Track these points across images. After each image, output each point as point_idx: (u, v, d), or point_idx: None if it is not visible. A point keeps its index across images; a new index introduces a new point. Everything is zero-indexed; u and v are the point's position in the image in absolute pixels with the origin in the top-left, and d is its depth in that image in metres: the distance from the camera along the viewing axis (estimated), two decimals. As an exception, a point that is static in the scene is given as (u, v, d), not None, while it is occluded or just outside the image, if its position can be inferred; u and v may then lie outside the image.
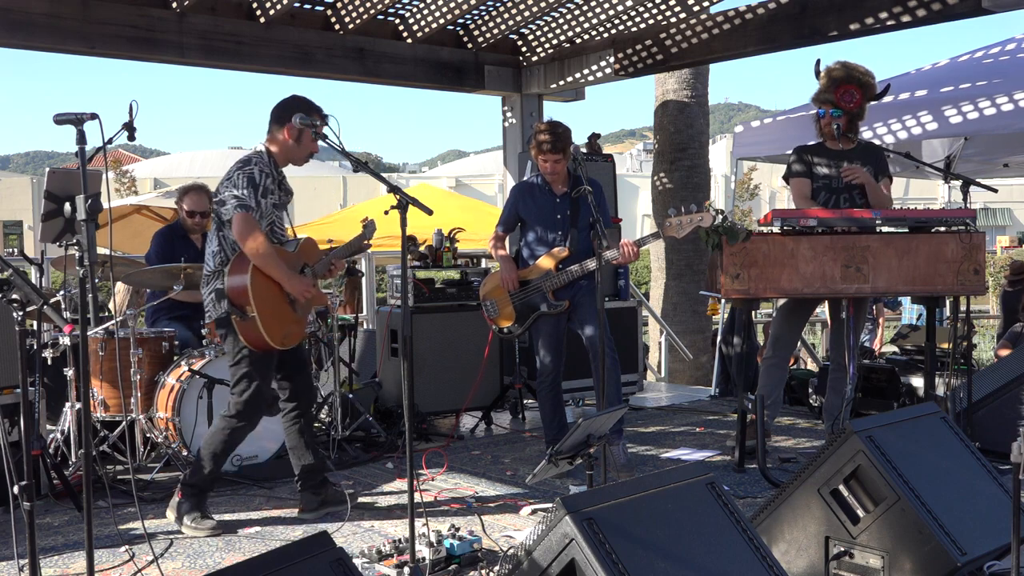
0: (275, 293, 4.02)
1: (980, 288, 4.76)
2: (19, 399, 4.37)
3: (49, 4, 5.98)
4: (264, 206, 4.01)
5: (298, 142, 4.10)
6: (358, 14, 6.91)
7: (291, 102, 4.10)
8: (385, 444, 5.68)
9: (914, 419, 3.41)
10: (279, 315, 4.03)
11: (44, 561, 3.73)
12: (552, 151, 4.86)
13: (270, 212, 4.08)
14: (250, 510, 4.49)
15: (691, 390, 8.30)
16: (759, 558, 2.70)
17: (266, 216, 4.05)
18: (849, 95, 5.01)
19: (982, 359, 9.28)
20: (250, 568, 2.29)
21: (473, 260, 7.34)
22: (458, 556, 3.54)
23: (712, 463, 5.27)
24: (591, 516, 2.48)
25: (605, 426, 3.57)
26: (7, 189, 32.10)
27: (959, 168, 6.76)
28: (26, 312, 2.82)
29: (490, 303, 5.15)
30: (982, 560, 3.06)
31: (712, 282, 5.17)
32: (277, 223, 4.15)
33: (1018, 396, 4.94)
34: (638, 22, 7.35)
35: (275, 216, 4.12)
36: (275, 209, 4.12)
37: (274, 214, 4.11)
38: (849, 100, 5.02)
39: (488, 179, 35.84)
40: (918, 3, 5.83)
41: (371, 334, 7.38)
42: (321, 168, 41.73)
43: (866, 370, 6.19)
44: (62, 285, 5.50)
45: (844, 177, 5.00)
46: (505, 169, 8.67)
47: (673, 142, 9.72)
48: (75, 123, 2.81)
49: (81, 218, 2.72)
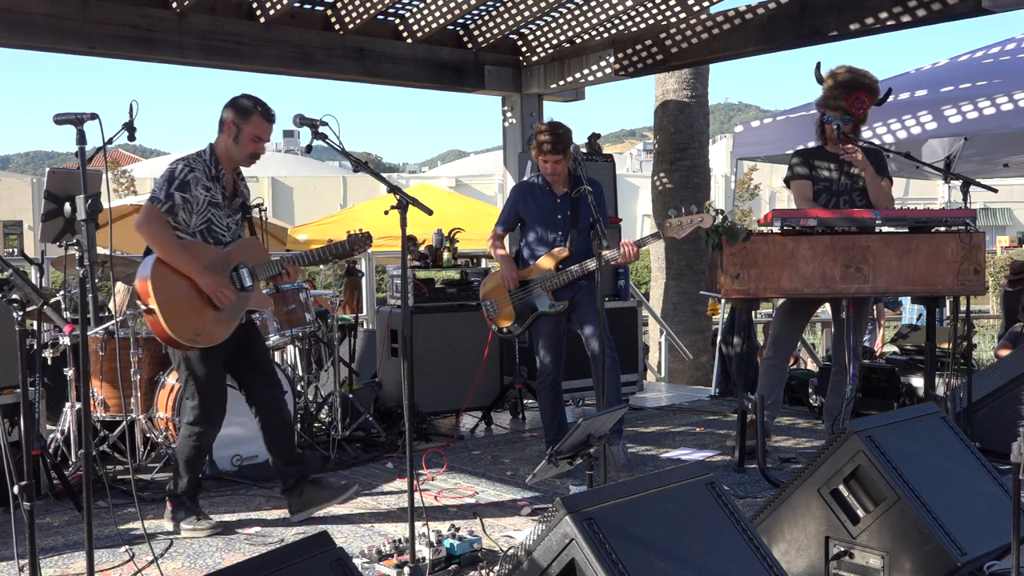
0: (185, 288, 3.91)
1: (980, 288, 4.76)
2: (19, 399, 4.38)
3: (49, 4, 5.97)
4: (183, 201, 3.93)
5: (236, 142, 4.03)
6: (358, 14, 6.91)
7: (234, 100, 4.06)
8: (385, 444, 5.68)
9: (914, 419, 3.41)
10: (189, 311, 3.90)
11: (44, 561, 3.73)
12: (552, 152, 4.86)
13: (203, 209, 4.00)
14: (250, 510, 4.49)
15: (691, 390, 8.31)
16: (759, 558, 2.70)
17: (196, 212, 3.98)
18: (860, 102, 5.00)
19: (982, 359, 9.28)
20: (250, 568, 2.29)
21: (473, 260, 7.34)
22: (458, 556, 3.54)
23: (712, 463, 5.27)
24: (591, 516, 2.48)
25: (605, 426, 3.57)
26: (7, 189, 32.08)
27: (959, 168, 6.76)
28: (26, 312, 2.82)
29: (490, 303, 5.15)
30: (982, 560, 3.06)
31: (712, 282, 5.17)
32: (216, 221, 4.06)
33: (1018, 396, 4.94)
34: (638, 22, 7.35)
35: (212, 214, 4.03)
36: (212, 207, 4.03)
37: (210, 211, 4.03)
38: (859, 107, 5.01)
39: (488, 179, 35.83)
40: (918, 3, 5.82)
41: (371, 334, 7.38)
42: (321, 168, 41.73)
43: (866, 370, 6.19)
44: (62, 285, 5.51)
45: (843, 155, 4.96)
46: (505, 169, 8.67)
47: (673, 142, 9.72)
48: (75, 123, 2.81)
49: (81, 218, 2.72)
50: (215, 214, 4.05)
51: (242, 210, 4.22)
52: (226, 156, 4.06)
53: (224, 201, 4.08)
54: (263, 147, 4.09)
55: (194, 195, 3.97)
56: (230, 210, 4.12)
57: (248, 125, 4.01)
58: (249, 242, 4.20)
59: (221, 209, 4.07)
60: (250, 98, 4.06)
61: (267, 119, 4.06)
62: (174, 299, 3.87)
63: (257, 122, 4.02)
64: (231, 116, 4.03)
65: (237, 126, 4.01)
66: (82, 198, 2.72)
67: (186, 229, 4.00)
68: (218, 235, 4.08)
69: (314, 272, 10.67)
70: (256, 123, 4.02)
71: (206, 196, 4.01)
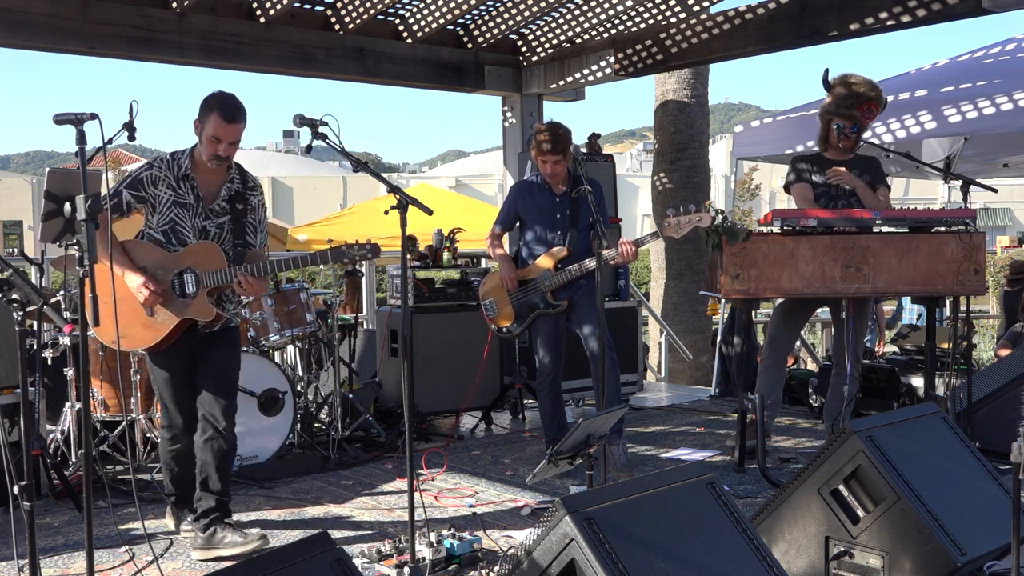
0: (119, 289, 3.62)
1: (980, 288, 4.76)
2: (19, 399, 4.38)
3: (49, 4, 5.97)
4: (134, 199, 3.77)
5: (200, 142, 3.81)
6: (358, 14, 6.91)
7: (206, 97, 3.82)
8: (385, 444, 5.68)
9: (914, 419, 3.41)
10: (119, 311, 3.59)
11: (44, 561, 3.73)
12: (552, 152, 4.87)
13: (166, 209, 3.81)
14: (250, 510, 4.49)
15: (691, 390, 8.31)
16: (759, 558, 2.70)
17: (159, 212, 3.81)
18: (871, 112, 5.05)
19: (982, 359, 9.28)
20: (250, 568, 2.29)
21: (473, 260, 7.34)
22: (458, 556, 3.54)
23: (712, 463, 5.27)
24: (591, 516, 2.48)
25: (605, 426, 3.57)
26: (7, 189, 32.11)
27: (959, 168, 6.76)
28: (26, 312, 2.82)
29: (489, 303, 5.15)
30: (982, 560, 3.06)
31: (712, 282, 5.17)
32: (181, 222, 3.83)
33: (1018, 396, 4.94)
34: (638, 22, 7.35)
35: (176, 214, 3.82)
36: (178, 207, 3.82)
37: (174, 212, 3.82)
38: (870, 116, 5.06)
39: (488, 179, 35.85)
40: (918, 3, 5.82)
41: (371, 334, 7.38)
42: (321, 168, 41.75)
43: (866, 370, 6.18)
44: (62, 285, 5.50)
45: (828, 179, 5.01)
46: (505, 169, 8.67)
47: (673, 142, 9.72)
48: (75, 123, 2.81)
49: (81, 218, 2.72)
50: (179, 215, 3.82)
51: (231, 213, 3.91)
52: (200, 156, 3.83)
53: (196, 203, 3.83)
54: (225, 149, 3.76)
55: (153, 193, 3.79)
56: (207, 212, 3.85)
57: (207, 125, 3.74)
58: (205, 247, 3.85)
59: (189, 210, 3.83)
60: (218, 96, 3.77)
61: (225, 119, 3.72)
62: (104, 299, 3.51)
63: (214, 122, 3.72)
64: (198, 115, 3.80)
65: (200, 124, 3.78)
66: (82, 198, 2.71)
67: (153, 228, 3.85)
68: (183, 236, 3.83)
69: (314, 272, 10.66)
70: (213, 123, 3.72)
71: (171, 196, 3.80)
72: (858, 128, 5.03)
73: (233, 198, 3.93)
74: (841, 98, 5.04)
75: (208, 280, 3.81)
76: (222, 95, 3.77)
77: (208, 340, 3.93)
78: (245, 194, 3.97)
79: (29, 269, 5.28)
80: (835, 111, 5.06)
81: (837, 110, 5.05)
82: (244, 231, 3.94)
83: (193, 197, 3.84)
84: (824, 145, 5.19)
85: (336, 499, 4.68)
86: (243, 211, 3.95)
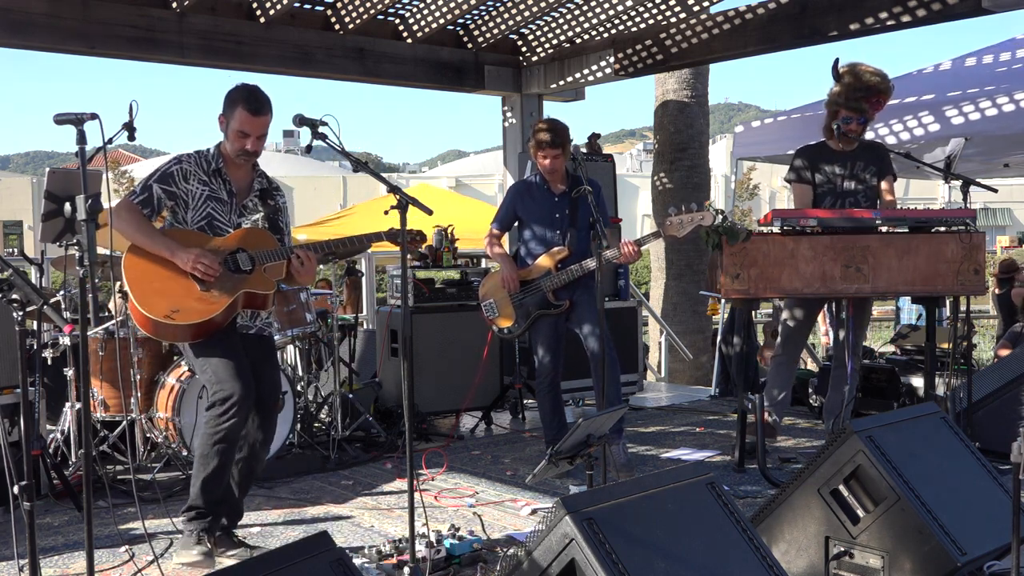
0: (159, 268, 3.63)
1: (980, 288, 4.76)
2: (19, 399, 4.38)
3: (49, 4, 5.98)
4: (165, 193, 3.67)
5: (226, 137, 3.75)
6: (358, 14, 6.91)
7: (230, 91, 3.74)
8: (385, 444, 5.68)
9: (914, 419, 3.41)
10: (166, 289, 3.62)
11: (44, 561, 3.73)
12: (551, 146, 4.86)
13: (201, 204, 3.73)
14: (250, 510, 4.48)
15: (691, 390, 8.30)
16: (759, 558, 2.70)
17: (193, 207, 3.73)
18: (879, 103, 5.01)
19: (982, 359, 9.27)
20: (250, 568, 2.28)
21: (473, 260, 7.35)
22: (458, 556, 3.54)
23: (712, 463, 5.27)
24: (591, 516, 2.48)
25: (605, 426, 3.56)
26: (7, 189, 32.10)
27: (959, 168, 6.74)
28: (26, 312, 2.81)
29: (489, 303, 5.15)
30: (982, 560, 3.06)
31: (712, 282, 5.17)
32: (218, 216, 3.77)
33: (1018, 396, 4.94)
34: (638, 22, 7.35)
35: (213, 208, 3.75)
36: (213, 202, 3.75)
37: (210, 206, 3.75)
38: (878, 108, 5.03)
39: (488, 179, 35.85)
40: (918, 3, 5.82)
41: (371, 334, 7.38)
42: (321, 168, 41.74)
43: (866, 370, 6.19)
44: (62, 285, 5.50)
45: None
46: (505, 169, 8.67)
47: (673, 142, 9.72)
48: (75, 123, 2.81)
49: (81, 218, 2.72)
50: (216, 209, 3.76)
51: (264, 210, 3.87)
52: (227, 153, 3.78)
53: (230, 199, 3.79)
54: (253, 143, 3.71)
55: (184, 188, 3.71)
56: (241, 209, 3.82)
57: (233, 119, 3.68)
58: (253, 231, 3.82)
59: (225, 205, 3.78)
60: (242, 89, 3.70)
61: (252, 112, 3.66)
62: (147, 279, 3.61)
63: (241, 116, 3.66)
64: (222, 110, 3.74)
65: (226, 120, 3.71)
66: (82, 198, 2.72)
67: (185, 225, 3.76)
68: (222, 231, 3.78)
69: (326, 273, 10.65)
70: (240, 117, 3.66)
71: (203, 191, 3.73)
72: (864, 120, 5.00)
73: (264, 194, 3.89)
74: (850, 88, 4.97)
75: (263, 258, 3.75)
76: (247, 88, 3.70)
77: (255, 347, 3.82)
78: (272, 192, 3.93)
79: (29, 269, 5.28)
80: (843, 102, 5.01)
81: (846, 101, 5.00)
82: (279, 228, 3.90)
83: (226, 192, 3.78)
84: (830, 134, 5.16)
85: (336, 499, 4.68)
86: (275, 208, 3.91)
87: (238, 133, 3.68)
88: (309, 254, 3.79)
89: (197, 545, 3.67)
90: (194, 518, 3.70)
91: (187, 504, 3.73)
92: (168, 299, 3.61)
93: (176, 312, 3.61)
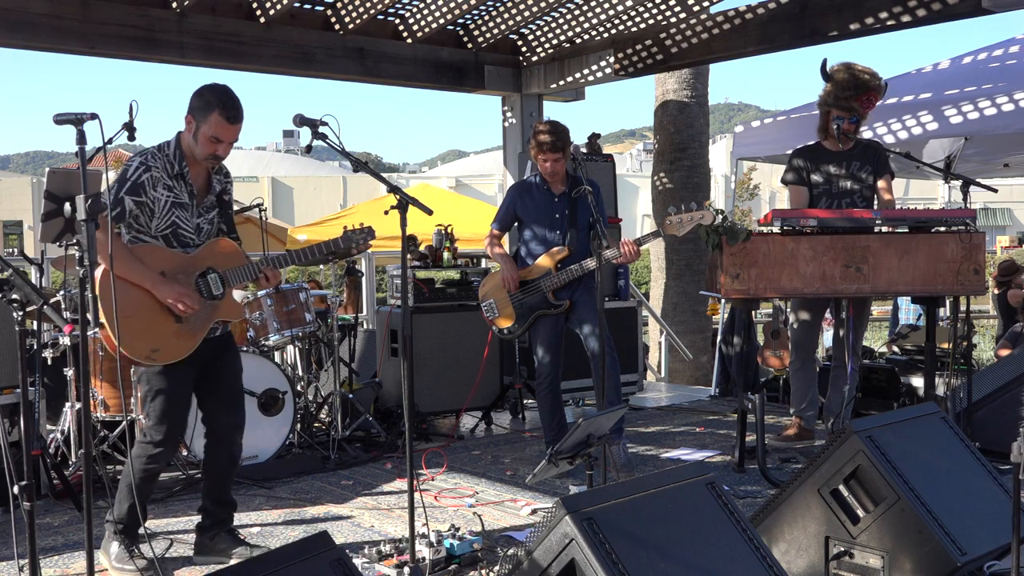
0: (138, 299, 3.49)
1: (980, 288, 4.76)
2: (19, 399, 4.38)
3: (49, 4, 5.97)
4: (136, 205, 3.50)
5: (195, 140, 3.57)
6: (358, 14, 6.91)
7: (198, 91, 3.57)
8: (385, 444, 5.68)
9: (914, 419, 3.41)
10: (145, 325, 3.49)
11: (44, 561, 3.73)
12: (552, 150, 4.87)
13: (166, 212, 3.56)
14: (250, 510, 4.49)
15: (691, 390, 8.30)
16: (759, 558, 2.70)
17: (158, 215, 3.55)
18: (870, 101, 5.01)
19: (982, 359, 9.27)
20: (250, 568, 2.29)
21: (473, 260, 7.34)
22: (458, 556, 3.54)
23: (712, 463, 5.27)
24: (591, 516, 2.48)
25: (605, 426, 3.57)
26: (7, 189, 32.12)
27: (959, 168, 6.76)
28: (26, 312, 2.81)
29: (489, 303, 5.15)
30: (982, 560, 3.06)
31: (712, 282, 5.17)
32: (182, 223, 3.62)
33: (1018, 396, 4.94)
34: (638, 22, 7.35)
35: (177, 216, 3.59)
36: (177, 208, 3.58)
37: (175, 213, 3.58)
38: (869, 106, 5.02)
39: (488, 179, 35.88)
40: (918, 3, 5.82)
41: (371, 334, 7.38)
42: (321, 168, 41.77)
43: (866, 370, 6.19)
44: (62, 285, 5.50)
45: None
46: (505, 169, 8.67)
47: (673, 142, 9.73)
48: (75, 123, 2.81)
49: (81, 218, 2.72)
50: (180, 216, 3.61)
51: (219, 206, 3.76)
52: (190, 152, 3.61)
53: (191, 200, 3.64)
54: (225, 149, 3.58)
55: (152, 196, 3.53)
56: (200, 209, 3.68)
57: (206, 124, 3.52)
58: (220, 244, 3.72)
59: (188, 210, 3.63)
60: (215, 91, 3.55)
61: (228, 119, 3.52)
62: (126, 312, 3.43)
63: (216, 122, 3.51)
64: (190, 110, 3.55)
65: (196, 122, 3.54)
66: (82, 198, 2.72)
67: (148, 233, 3.57)
68: (185, 238, 3.63)
69: (314, 272, 10.66)
70: (215, 123, 3.51)
71: (168, 196, 3.56)
72: (856, 120, 5.01)
73: (220, 192, 3.77)
74: (841, 87, 4.98)
75: (235, 278, 3.69)
76: (223, 91, 3.56)
77: (214, 345, 3.76)
78: (227, 186, 3.82)
79: (29, 269, 5.28)
80: (833, 102, 5.03)
81: (836, 101, 5.01)
82: (232, 224, 3.84)
83: (188, 195, 3.63)
84: (824, 135, 5.17)
85: (336, 499, 4.68)
86: (228, 203, 3.82)
87: (211, 138, 3.54)
88: (276, 272, 3.77)
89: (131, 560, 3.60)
90: (121, 531, 3.65)
91: (115, 517, 3.66)
92: (147, 338, 3.50)
93: (156, 352, 3.53)
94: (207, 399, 3.82)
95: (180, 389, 3.65)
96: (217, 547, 3.78)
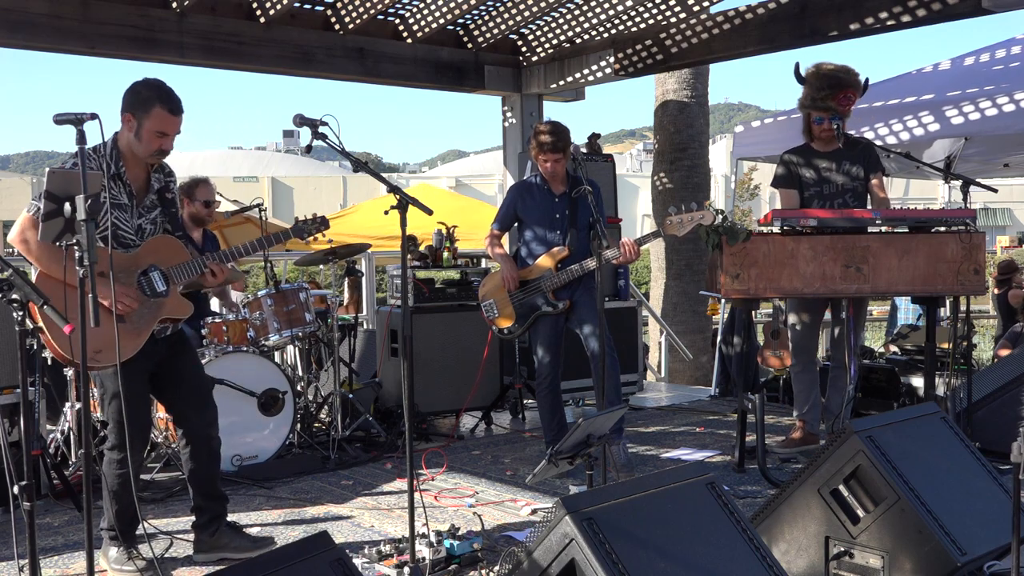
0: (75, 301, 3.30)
1: (980, 288, 4.76)
2: (19, 399, 4.38)
3: (49, 4, 5.98)
4: None
5: (137, 138, 3.49)
6: (358, 14, 6.91)
7: (132, 88, 3.49)
8: (385, 444, 5.68)
9: (914, 419, 3.41)
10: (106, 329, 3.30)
11: (44, 561, 3.73)
12: (552, 150, 4.87)
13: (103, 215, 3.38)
14: (250, 510, 4.49)
15: (691, 390, 8.30)
16: (759, 558, 2.70)
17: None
18: (847, 99, 4.99)
19: (982, 359, 9.27)
20: (250, 568, 2.29)
21: (473, 260, 7.35)
22: (458, 556, 3.54)
23: (712, 463, 5.27)
24: (591, 516, 2.48)
25: (605, 426, 3.57)
26: (7, 189, 32.13)
27: (959, 168, 6.75)
28: (26, 312, 2.81)
29: (490, 303, 5.15)
30: (982, 560, 3.06)
31: (712, 282, 5.17)
32: (122, 224, 3.53)
33: (1018, 396, 4.94)
34: (638, 22, 7.35)
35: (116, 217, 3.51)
36: (115, 210, 3.50)
37: (113, 215, 3.48)
38: (847, 104, 5.00)
39: (488, 179, 35.89)
40: (918, 3, 5.82)
41: (371, 334, 7.38)
42: (321, 168, 41.78)
43: (866, 370, 6.19)
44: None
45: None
46: (505, 169, 8.67)
47: (673, 142, 9.73)
48: (75, 123, 2.81)
49: (81, 218, 2.72)
50: (119, 218, 3.52)
51: (162, 205, 3.68)
52: (129, 151, 3.53)
53: (131, 201, 3.56)
54: (169, 142, 3.51)
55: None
56: (141, 210, 3.60)
57: (148, 119, 3.45)
58: (162, 241, 3.64)
59: (127, 211, 3.55)
60: (151, 86, 3.47)
61: (171, 111, 3.46)
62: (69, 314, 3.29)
63: (159, 115, 3.45)
64: (128, 108, 3.47)
65: (137, 120, 3.46)
66: (82, 198, 2.71)
67: None
68: (125, 239, 3.55)
69: (314, 272, 10.66)
70: (158, 116, 3.45)
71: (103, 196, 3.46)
72: (839, 119, 4.99)
73: (161, 190, 3.69)
74: (815, 88, 4.98)
75: (178, 276, 3.63)
76: (159, 85, 3.48)
77: (169, 346, 3.71)
78: (168, 184, 3.73)
79: (29, 269, 5.27)
80: (811, 104, 5.03)
81: (813, 103, 5.01)
82: (177, 223, 3.78)
83: (127, 195, 3.55)
84: (810, 136, 5.16)
85: (336, 499, 4.68)
86: (171, 201, 3.74)
87: (156, 133, 3.47)
88: (223, 267, 3.71)
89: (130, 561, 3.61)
90: (115, 537, 3.66)
91: (107, 525, 3.67)
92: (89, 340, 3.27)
93: (99, 353, 3.39)
94: (174, 403, 3.81)
95: (136, 388, 3.55)
96: (220, 542, 3.80)
